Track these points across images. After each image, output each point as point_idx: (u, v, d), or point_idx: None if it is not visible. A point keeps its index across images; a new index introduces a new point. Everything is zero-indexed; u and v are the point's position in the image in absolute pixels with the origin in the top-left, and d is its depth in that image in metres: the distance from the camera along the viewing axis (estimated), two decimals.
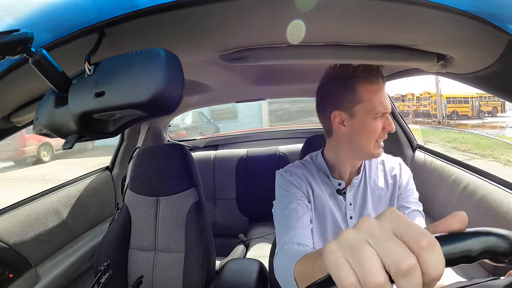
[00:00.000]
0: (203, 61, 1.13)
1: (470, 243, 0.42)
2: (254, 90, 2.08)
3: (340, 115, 1.15)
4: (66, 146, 0.59)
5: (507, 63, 0.70)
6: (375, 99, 1.10)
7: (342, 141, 1.19)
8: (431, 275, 0.35)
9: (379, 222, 0.40)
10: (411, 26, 0.77)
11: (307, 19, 0.72)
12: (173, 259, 1.79)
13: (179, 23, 0.68)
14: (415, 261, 0.35)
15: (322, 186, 1.24)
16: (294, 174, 1.25)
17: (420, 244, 0.35)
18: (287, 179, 1.23)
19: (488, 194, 1.39)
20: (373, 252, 0.37)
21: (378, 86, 1.11)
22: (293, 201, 1.17)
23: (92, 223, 2.21)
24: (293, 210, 1.15)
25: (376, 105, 1.10)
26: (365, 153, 1.17)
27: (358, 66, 1.12)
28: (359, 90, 1.11)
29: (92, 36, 0.61)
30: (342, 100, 1.14)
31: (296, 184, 1.21)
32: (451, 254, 0.40)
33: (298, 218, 1.14)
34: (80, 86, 0.56)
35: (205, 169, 2.94)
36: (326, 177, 1.26)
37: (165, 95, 0.51)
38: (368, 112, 1.10)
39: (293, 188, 1.21)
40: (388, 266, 0.36)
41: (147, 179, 1.89)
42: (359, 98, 1.10)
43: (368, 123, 1.11)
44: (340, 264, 0.37)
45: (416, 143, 2.35)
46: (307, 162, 1.32)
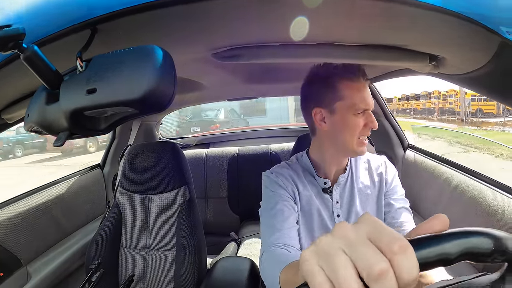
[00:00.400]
0: (195, 59, 1.13)
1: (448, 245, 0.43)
2: (247, 88, 2.08)
3: (321, 112, 1.16)
4: (57, 144, 0.59)
5: (498, 65, 0.71)
6: (356, 95, 1.12)
7: (325, 138, 1.21)
8: (404, 279, 0.35)
9: (354, 227, 0.40)
10: (403, 27, 0.77)
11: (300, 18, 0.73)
12: (165, 258, 1.79)
13: (172, 20, 0.68)
14: (388, 265, 0.35)
15: (308, 186, 1.25)
16: (280, 175, 1.25)
17: (392, 248, 0.36)
18: (273, 180, 1.24)
19: (479, 194, 1.40)
20: (347, 258, 0.37)
21: (359, 84, 1.14)
22: (279, 202, 1.18)
23: (83, 221, 2.19)
24: (279, 211, 1.16)
25: (357, 101, 1.12)
26: (348, 150, 1.18)
27: (339, 65, 1.15)
28: (340, 87, 1.13)
29: (84, 33, 0.61)
30: (322, 97, 1.16)
31: (282, 185, 1.22)
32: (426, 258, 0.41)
33: (284, 219, 1.15)
34: (71, 82, 0.56)
35: (197, 167, 2.93)
36: (311, 176, 1.27)
37: (157, 93, 0.50)
38: (349, 108, 1.12)
39: (279, 189, 1.22)
40: (361, 271, 0.36)
41: (139, 177, 1.89)
42: (340, 95, 1.13)
43: (348, 119, 1.13)
44: (315, 272, 0.38)
45: (407, 142, 2.36)
46: (292, 162, 1.33)
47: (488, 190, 1.38)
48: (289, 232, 1.12)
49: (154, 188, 1.86)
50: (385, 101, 2.35)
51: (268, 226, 1.16)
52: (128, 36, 0.71)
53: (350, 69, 1.14)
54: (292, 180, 1.24)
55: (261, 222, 1.22)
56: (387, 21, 0.74)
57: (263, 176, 1.30)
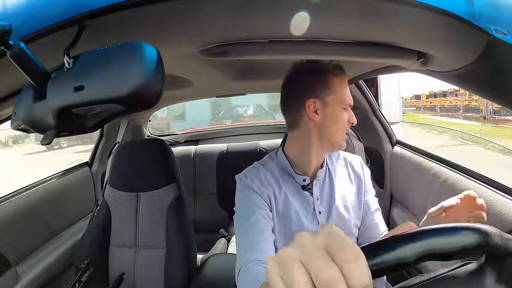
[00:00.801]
0: (184, 56, 1.12)
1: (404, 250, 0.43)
2: (235, 85, 2.08)
3: (315, 103, 1.18)
4: (44, 142, 0.58)
5: (486, 62, 0.72)
6: (344, 91, 1.20)
7: (312, 131, 1.21)
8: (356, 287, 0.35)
9: (311, 238, 0.41)
10: (392, 24, 0.78)
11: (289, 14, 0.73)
12: (154, 256, 1.78)
13: (160, 17, 0.68)
14: (337, 273, 0.36)
15: (284, 186, 1.25)
16: (255, 178, 1.24)
17: (342, 256, 0.36)
18: (247, 184, 1.23)
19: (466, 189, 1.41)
20: (302, 268, 0.38)
21: (344, 81, 1.22)
22: (255, 212, 1.17)
23: (72, 220, 2.18)
24: (254, 223, 1.15)
25: (345, 96, 1.19)
26: (334, 143, 1.21)
27: (330, 62, 1.21)
28: (331, 82, 1.18)
29: (72, 29, 0.60)
30: (316, 89, 1.19)
31: (257, 190, 1.21)
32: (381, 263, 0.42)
33: (260, 232, 1.14)
34: (59, 80, 0.55)
35: (186, 165, 2.91)
36: (288, 175, 1.27)
37: (145, 90, 0.50)
38: (338, 102, 1.19)
39: (254, 196, 1.21)
40: (314, 280, 0.37)
41: (127, 175, 1.88)
42: (331, 89, 1.18)
43: (338, 113, 1.19)
44: (276, 282, 0.39)
45: (395, 138, 2.38)
46: (266, 162, 1.33)
47: (475, 185, 1.39)
48: (265, 247, 1.12)
49: (142, 185, 1.85)
50: (373, 98, 2.37)
51: (244, 240, 1.16)
52: (117, 32, 0.71)
53: (338, 66, 1.21)
54: (267, 183, 1.24)
55: (236, 232, 1.21)
56: (375, 18, 0.74)
57: (237, 180, 1.29)
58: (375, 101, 2.37)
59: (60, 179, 2.15)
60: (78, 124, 0.61)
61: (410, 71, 1.20)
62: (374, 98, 2.35)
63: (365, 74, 1.79)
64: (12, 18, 0.56)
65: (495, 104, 1.22)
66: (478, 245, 0.46)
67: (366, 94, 2.28)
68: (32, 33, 0.60)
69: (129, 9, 0.59)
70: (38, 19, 0.58)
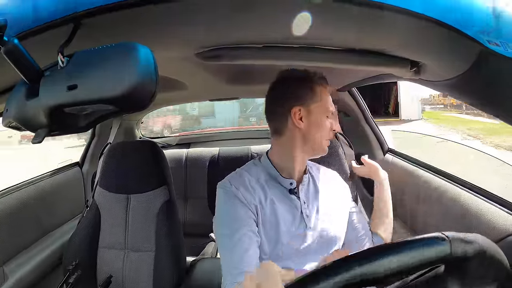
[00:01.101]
0: (178, 58, 1.13)
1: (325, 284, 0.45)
2: (229, 89, 2.08)
3: (300, 110, 1.21)
4: (35, 140, 0.58)
5: (478, 73, 0.73)
6: (327, 99, 1.25)
7: (297, 137, 1.24)
8: None
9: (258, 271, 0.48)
10: (385, 33, 0.78)
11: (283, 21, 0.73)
12: (143, 258, 1.77)
13: (155, 18, 0.68)
14: None
15: (270, 191, 1.24)
16: (240, 185, 1.23)
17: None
18: (232, 193, 1.21)
19: (457, 197, 1.42)
20: None
21: (328, 90, 1.27)
22: (239, 230, 1.15)
23: (61, 220, 2.15)
24: (238, 242, 1.14)
25: (328, 105, 1.24)
26: (318, 148, 1.26)
27: (316, 71, 1.26)
28: (317, 91, 1.23)
29: (67, 27, 0.60)
30: (302, 96, 1.23)
31: (242, 199, 1.20)
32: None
33: (244, 250, 1.13)
34: (52, 78, 0.55)
35: (177, 168, 2.90)
36: (274, 180, 1.27)
37: (139, 91, 0.50)
38: (323, 110, 1.23)
39: (239, 208, 1.19)
40: None
41: (118, 176, 1.87)
42: (317, 98, 1.22)
43: (322, 121, 1.23)
44: None
45: (387, 146, 2.39)
46: (250, 168, 1.33)
47: (465, 194, 1.40)
48: (249, 265, 1.11)
49: (133, 187, 1.84)
50: (366, 106, 2.38)
51: (227, 259, 1.15)
52: (112, 32, 0.71)
53: (322, 76, 1.27)
54: (252, 190, 1.22)
55: (219, 247, 1.21)
56: (369, 27, 0.75)
57: (220, 188, 1.27)
58: (367, 108, 2.38)
59: (50, 178, 2.13)
60: (70, 124, 0.60)
61: (404, 80, 1.21)
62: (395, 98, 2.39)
63: (358, 82, 1.80)
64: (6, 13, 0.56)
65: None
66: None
67: (359, 102, 2.29)
68: (27, 29, 0.59)
69: (125, 9, 0.59)
70: (33, 16, 0.58)
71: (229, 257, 1.14)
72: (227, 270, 1.12)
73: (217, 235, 1.24)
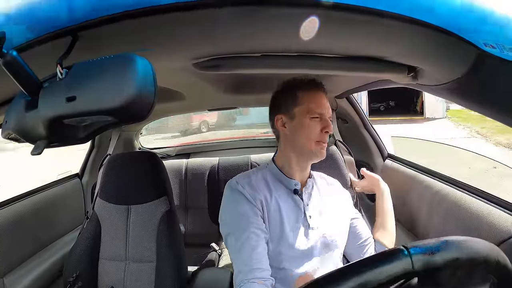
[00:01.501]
0: (176, 68, 1.13)
1: None
2: (227, 98, 2.08)
3: (282, 118, 1.29)
4: (35, 152, 0.58)
5: (476, 76, 0.73)
6: (312, 101, 1.25)
7: (286, 142, 1.31)
8: None
9: None
10: (382, 39, 0.79)
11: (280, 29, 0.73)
12: (144, 269, 1.76)
13: (153, 29, 0.68)
14: None
15: (275, 191, 1.29)
16: (246, 184, 1.28)
17: None
18: (239, 191, 1.26)
19: (458, 201, 1.42)
20: None
21: (315, 93, 1.27)
22: (246, 230, 1.18)
23: (61, 232, 2.14)
24: (246, 240, 1.17)
25: (313, 106, 1.24)
26: (306, 151, 1.27)
27: (302, 79, 1.29)
28: (298, 95, 1.26)
29: (65, 39, 0.60)
30: (284, 104, 1.29)
31: (248, 197, 1.24)
32: None
33: (252, 248, 1.16)
34: (51, 90, 0.55)
35: (177, 178, 2.89)
36: (280, 181, 1.32)
37: (137, 102, 0.50)
38: (306, 113, 1.24)
39: (245, 206, 1.23)
40: None
41: (118, 187, 1.86)
42: (298, 101, 1.26)
43: (305, 123, 1.24)
44: None
45: (386, 152, 2.39)
46: (258, 170, 1.39)
47: (466, 197, 1.40)
48: (258, 263, 1.14)
49: (133, 198, 1.84)
50: (364, 112, 2.38)
51: (237, 259, 1.18)
52: (110, 43, 0.71)
53: (310, 81, 1.28)
54: (258, 188, 1.27)
55: (228, 248, 1.25)
56: (366, 33, 0.75)
57: (228, 187, 1.32)
58: (365, 114, 2.39)
59: (49, 190, 2.12)
60: (69, 135, 0.60)
61: (401, 85, 1.21)
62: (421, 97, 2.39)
63: (356, 89, 1.81)
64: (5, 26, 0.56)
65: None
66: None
67: (357, 108, 2.29)
68: (25, 42, 0.60)
69: (122, 21, 0.60)
70: (32, 29, 0.58)
71: (238, 256, 1.17)
72: (237, 269, 1.15)
73: (224, 234, 1.25)
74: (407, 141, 5.78)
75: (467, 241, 0.55)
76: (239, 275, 1.13)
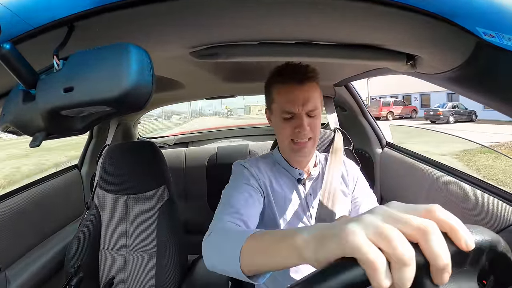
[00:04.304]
0: (173, 57, 1.12)
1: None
2: (226, 86, 2.08)
3: (267, 111, 1.30)
4: (33, 144, 0.57)
5: (475, 65, 0.72)
6: (283, 99, 1.19)
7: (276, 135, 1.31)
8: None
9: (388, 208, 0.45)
10: (381, 26, 0.78)
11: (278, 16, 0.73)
12: (145, 259, 1.77)
13: (149, 18, 0.68)
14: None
15: (281, 179, 1.29)
16: (254, 166, 1.28)
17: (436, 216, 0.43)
18: (246, 168, 1.27)
19: (456, 190, 1.42)
20: (399, 233, 0.40)
21: (288, 88, 1.18)
22: (246, 188, 1.17)
23: (61, 223, 2.15)
24: (242, 190, 1.16)
25: (283, 104, 1.19)
26: (285, 148, 1.27)
27: (275, 69, 1.23)
28: (272, 91, 1.24)
29: (61, 30, 0.60)
30: (267, 99, 1.28)
31: (254, 174, 1.25)
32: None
33: (244, 199, 1.12)
34: (48, 81, 0.55)
35: (176, 167, 2.89)
36: (285, 169, 1.32)
37: (135, 92, 0.50)
38: (279, 111, 1.21)
39: (250, 177, 1.23)
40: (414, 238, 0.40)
41: (117, 177, 1.87)
42: (272, 98, 1.23)
43: (278, 121, 1.22)
44: (367, 246, 0.40)
45: (385, 140, 2.39)
46: (266, 156, 1.38)
47: (465, 186, 1.40)
48: (248, 212, 1.08)
49: (132, 188, 1.84)
50: (363, 100, 2.38)
51: (225, 203, 1.11)
52: (106, 34, 0.71)
53: (282, 73, 1.21)
54: (265, 172, 1.28)
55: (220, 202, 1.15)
56: (364, 21, 0.75)
57: (235, 164, 1.32)
58: (364, 102, 2.38)
59: (49, 182, 2.12)
60: (68, 126, 0.60)
61: (399, 73, 1.21)
62: None
63: (355, 77, 1.80)
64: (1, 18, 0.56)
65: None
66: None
67: (356, 96, 2.29)
68: (21, 33, 0.59)
69: (118, 10, 0.59)
70: (27, 20, 0.58)
71: (227, 200, 1.12)
72: (220, 211, 1.08)
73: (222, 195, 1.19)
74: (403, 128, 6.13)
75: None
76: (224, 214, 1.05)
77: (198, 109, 75.36)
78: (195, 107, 73.69)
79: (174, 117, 67.25)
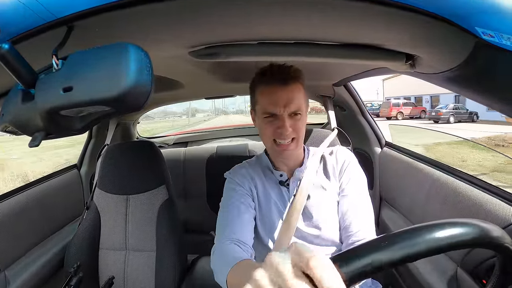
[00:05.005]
0: (172, 57, 1.12)
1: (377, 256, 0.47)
2: (225, 86, 2.08)
3: (252, 112, 1.30)
4: (32, 144, 0.57)
5: (474, 65, 0.72)
6: (265, 99, 1.20)
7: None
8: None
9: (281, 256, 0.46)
10: (380, 26, 0.78)
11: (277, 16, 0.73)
12: (145, 258, 1.77)
13: (148, 18, 0.68)
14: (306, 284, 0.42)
15: (266, 182, 1.32)
16: (237, 173, 1.33)
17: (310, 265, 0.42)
18: (231, 178, 1.32)
19: (456, 190, 1.42)
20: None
21: (271, 88, 1.19)
22: (235, 199, 1.24)
23: (60, 223, 2.14)
24: (235, 207, 1.21)
25: (265, 105, 1.20)
26: (269, 149, 1.30)
27: (259, 70, 1.24)
28: (255, 92, 1.25)
29: (60, 30, 0.60)
30: (251, 100, 1.29)
31: (238, 182, 1.29)
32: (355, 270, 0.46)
33: (239, 214, 1.19)
34: (47, 81, 0.55)
35: (175, 167, 2.88)
36: (269, 171, 1.34)
37: (134, 91, 0.50)
38: (261, 112, 1.22)
39: (236, 186, 1.28)
40: None
41: (116, 177, 1.87)
42: (256, 99, 1.24)
43: (261, 122, 1.23)
44: None
45: (384, 140, 2.39)
46: (252, 161, 1.41)
47: (464, 186, 1.40)
48: (242, 228, 1.16)
49: (132, 188, 1.84)
50: (362, 100, 2.38)
51: (223, 221, 1.20)
52: (105, 33, 0.71)
53: (266, 74, 1.21)
54: (250, 177, 1.31)
55: (217, 221, 1.24)
56: (363, 21, 0.74)
57: (225, 177, 1.37)
58: (363, 102, 2.38)
59: (48, 182, 2.12)
60: (67, 126, 0.60)
61: (398, 73, 1.21)
62: None
63: (354, 76, 1.80)
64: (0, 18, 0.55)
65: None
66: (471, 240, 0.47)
67: (355, 96, 2.28)
68: (20, 33, 0.59)
69: (117, 10, 0.59)
70: (26, 20, 0.58)
71: (221, 221, 1.21)
72: (218, 233, 1.18)
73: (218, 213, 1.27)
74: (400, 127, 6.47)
75: None
76: (221, 235, 1.15)
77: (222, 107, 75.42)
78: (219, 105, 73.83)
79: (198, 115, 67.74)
